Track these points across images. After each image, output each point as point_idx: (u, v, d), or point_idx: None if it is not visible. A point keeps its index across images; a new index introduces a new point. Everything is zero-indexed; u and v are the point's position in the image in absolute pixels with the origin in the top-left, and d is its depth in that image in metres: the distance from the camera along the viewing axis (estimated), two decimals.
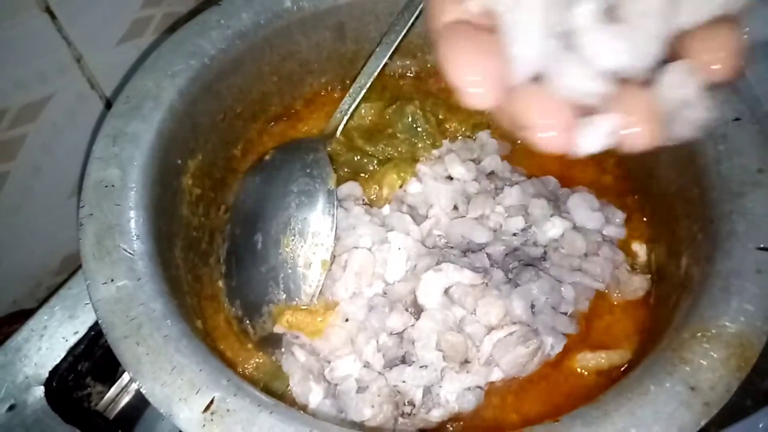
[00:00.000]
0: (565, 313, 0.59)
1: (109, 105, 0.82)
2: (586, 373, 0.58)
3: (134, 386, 0.72)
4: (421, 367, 0.51)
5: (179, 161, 0.60)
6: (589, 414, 0.42)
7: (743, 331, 0.43)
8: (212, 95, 0.63)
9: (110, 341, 0.44)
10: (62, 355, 0.75)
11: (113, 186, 0.52)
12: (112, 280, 0.47)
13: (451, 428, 0.54)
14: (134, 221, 0.51)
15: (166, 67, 0.60)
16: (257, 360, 0.59)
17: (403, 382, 0.51)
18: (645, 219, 0.66)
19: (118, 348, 0.44)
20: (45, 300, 0.81)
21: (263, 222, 0.58)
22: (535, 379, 0.57)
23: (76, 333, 0.76)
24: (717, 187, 0.53)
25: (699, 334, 0.44)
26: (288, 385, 0.56)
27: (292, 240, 0.57)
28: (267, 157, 0.63)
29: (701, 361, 0.43)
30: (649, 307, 0.61)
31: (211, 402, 0.41)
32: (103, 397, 0.76)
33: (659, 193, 0.63)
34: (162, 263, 0.51)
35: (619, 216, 0.65)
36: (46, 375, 0.74)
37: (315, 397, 0.55)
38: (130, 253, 0.49)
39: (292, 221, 0.57)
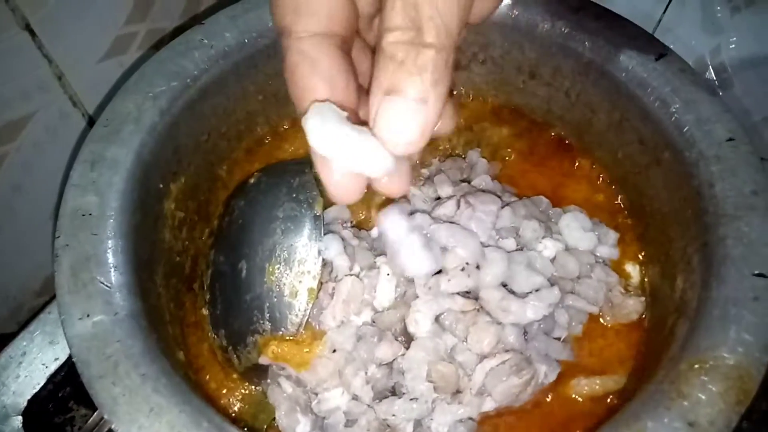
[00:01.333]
0: (559, 338, 0.57)
1: (91, 123, 0.80)
2: (580, 399, 0.57)
3: None
4: (411, 399, 0.49)
5: (161, 185, 0.58)
6: None
7: (742, 363, 0.42)
8: (195, 116, 0.61)
9: (85, 381, 0.42)
10: (42, 382, 0.73)
11: (91, 214, 0.50)
12: (88, 315, 0.45)
13: None
14: (112, 251, 0.49)
15: (147, 88, 0.58)
16: (243, 391, 0.57)
17: (393, 416, 0.49)
18: (638, 239, 0.65)
19: (93, 388, 0.42)
20: (25, 324, 0.78)
21: (248, 249, 0.56)
22: (528, 406, 0.55)
23: (56, 359, 0.74)
24: (711, 210, 0.52)
25: (697, 366, 0.43)
26: (274, 418, 0.54)
27: (278, 268, 0.55)
28: (252, 181, 0.62)
29: (700, 394, 0.41)
30: (643, 330, 0.60)
31: None
32: (87, 421, 0.73)
33: (652, 212, 0.62)
34: (141, 295, 0.49)
35: (612, 236, 0.64)
36: (25, 404, 0.72)
37: (302, 429, 0.53)
38: (107, 285, 0.47)
39: (277, 248, 0.55)
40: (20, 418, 0.71)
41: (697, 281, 0.50)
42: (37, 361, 0.75)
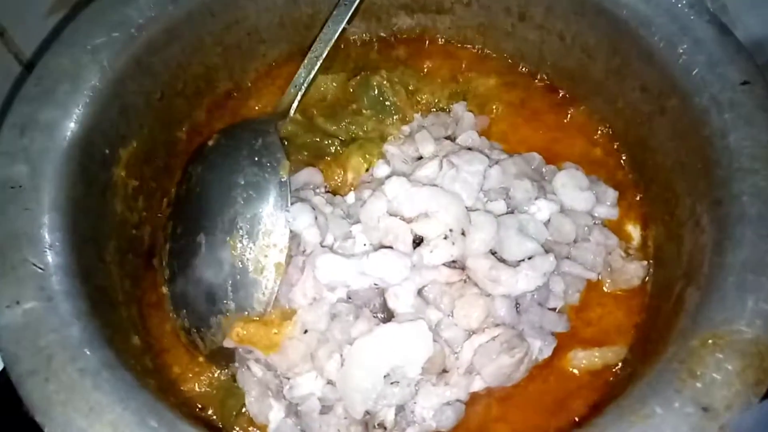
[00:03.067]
0: (554, 309, 0.52)
1: None
2: (578, 372, 0.53)
3: None
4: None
5: (107, 151, 0.52)
6: None
7: (761, 337, 0.37)
8: (144, 71, 0.54)
9: (14, 379, 0.37)
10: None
11: (21, 186, 0.44)
12: (18, 302, 0.39)
13: None
14: (47, 228, 0.43)
15: (85, 40, 0.51)
16: (210, 375, 0.52)
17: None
18: (640, 197, 0.59)
19: (24, 386, 0.37)
20: None
21: (206, 221, 0.51)
22: (522, 382, 0.51)
23: None
24: (724, 163, 0.46)
25: (710, 341, 0.38)
26: (244, 404, 0.49)
27: (240, 241, 0.49)
28: (210, 143, 0.55)
29: (714, 374, 0.37)
30: (645, 297, 0.55)
31: None
32: None
33: (656, 167, 0.56)
34: (83, 275, 0.43)
35: (611, 194, 0.58)
36: None
37: (275, 415, 0.48)
38: (40, 267, 0.41)
39: (239, 219, 0.49)
40: None
41: (708, 243, 0.45)
42: None
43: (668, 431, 0.35)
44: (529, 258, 0.50)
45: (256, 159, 0.51)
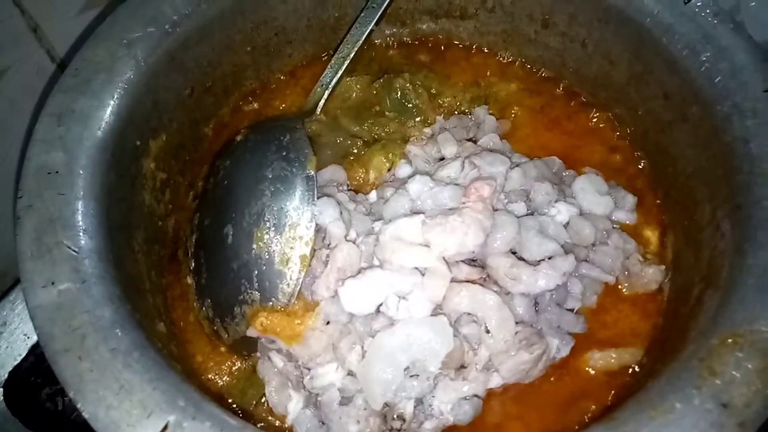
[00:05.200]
0: (572, 310, 0.53)
1: None
2: (594, 373, 0.53)
3: None
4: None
5: (138, 142, 0.53)
6: None
7: None
8: (176, 67, 0.56)
9: (48, 356, 0.38)
10: (23, 354, 0.69)
11: (57, 172, 0.45)
12: (53, 283, 0.40)
13: None
14: (81, 213, 0.44)
15: (121, 34, 0.52)
16: (231, 364, 0.53)
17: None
18: (658, 203, 0.60)
19: (58, 363, 0.38)
20: (6, 293, 0.75)
21: (234, 212, 0.52)
22: (538, 381, 0.51)
23: None
24: (745, 169, 0.47)
25: (730, 341, 0.38)
26: (264, 394, 0.50)
27: (267, 233, 0.50)
28: (238, 138, 0.57)
29: (734, 372, 0.37)
30: (662, 301, 0.55)
31: (165, 428, 0.35)
32: None
33: (675, 174, 0.57)
34: (115, 261, 0.44)
35: (630, 200, 0.59)
36: (6, 376, 0.68)
37: (294, 406, 0.49)
38: (74, 250, 0.42)
39: (266, 212, 0.50)
40: (1, 390, 0.68)
41: (728, 248, 0.46)
42: (18, 331, 0.71)
43: (688, 426, 0.35)
44: (549, 258, 0.50)
45: (284, 154, 0.52)
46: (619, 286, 0.56)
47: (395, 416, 0.45)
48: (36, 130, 0.47)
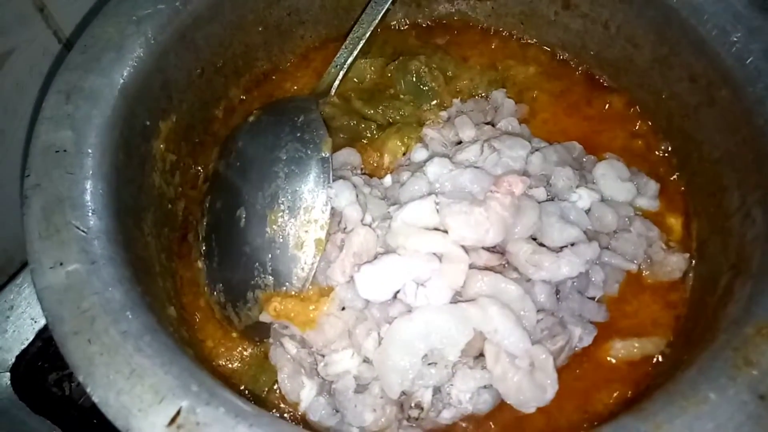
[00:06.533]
0: (593, 298, 0.51)
1: None
2: (615, 362, 0.51)
3: None
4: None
5: (148, 123, 0.52)
6: (635, 428, 0.34)
7: None
8: (186, 46, 0.54)
9: (57, 338, 0.37)
10: (30, 338, 0.68)
11: (65, 151, 0.44)
12: (62, 264, 0.39)
13: (463, 426, 0.47)
14: (90, 193, 0.43)
15: (131, 11, 0.51)
16: (242, 350, 0.52)
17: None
18: (682, 189, 0.58)
19: (67, 346, 0.36)
20: (13, 276, 0.74)
21: (247, 194, 0.50)
22: (559, 370, 0.50)
23: None
24: None
25: (766, 330, 0.37)
26: (276, 380, 0.49)
27: (281, 216, 0.48)
28: (251, 119, 0.55)
29: None
30: (686, 290, 0.54)
31: (178, 413, 0.34)
32: None
33: (701, 159, 0.55)
34: (124, 242, 0.43)
35: (653, 186, 0.57)
36: (13, 360, 0.67)
37: (307, 393, 0.48)
38: (83, 231, 0.41)
39: (280, 194, 0.49)
40: (8, 374, 0.67)
41: (759, 235, 0.44)
42: (25, 315, 0.70)
43: (723, 418, 0.34)
44: (572, 244, 0.49)
45: (298, 135, 0.51)
46: (642, 275, 0.54)
47: (413, 405, 0.44)
48: (43, 107, 0.46)
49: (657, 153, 0.60)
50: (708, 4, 0.51)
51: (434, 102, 0.62)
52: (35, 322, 0.70)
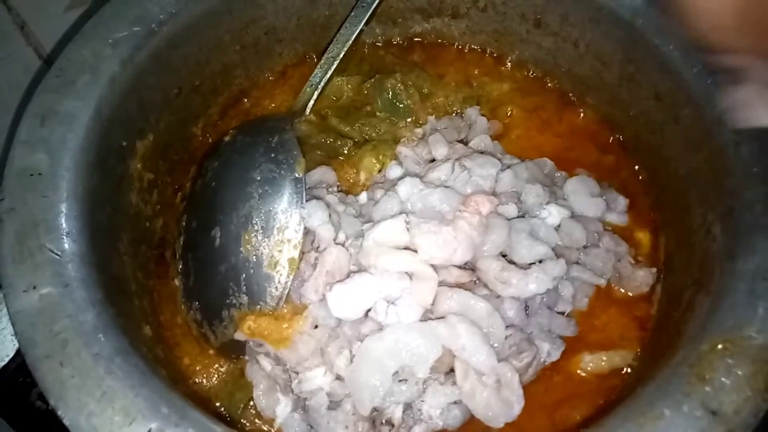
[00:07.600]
0: (563, 313, 0.52)
1: None
2: (585, 375, 0.53)
3: None
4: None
5: (125, 143, 0.52)
6: None
7: None
8: (163, 67, 0.55)
9: (29, 362, 0.37)
10: (11, 354, 0.68)
11: (40, 174, 0.45)
12: (35, 287, 0.40)
13: None
14: (65, 216, 0.44)
15: (107, 33, 0.52)
16: (219, 367, 0.53)
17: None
18: (651, 205, 0.59)
19: (39, 370, 0.37)
20: None
21: (221, 215, 0.51)
22: (529, 383, 0.51)
23: None
24: (737, 172, 0.47)
25: (720, 347, 0.38)
26: (252, 397, 0.50)
27: (255, 236, 0.49)
28: (226, 139, 0.56)
29: (723, 379, 0.37)
30: (654, 304, 0.55)
31: None
32: None
33: (668, 176, 0.56)
34: (99, 264, 0.44)
35: (622, 202, 0.58)
36: None
37: (282, 410, 0.49)
38: (57, 254, 0.41)
39: (254, 214, 0.50)
40: None
41: (718, 252, 0.45)
42: (6, 331, 0.70)
43: None
44: (540, 261, 0.50)
45: (272, 156, 0.52)
46: (611, 289, 0.56)
47: (384, 421, 0.45)
48: (19, 131, 0.47)
49: (627, 169, 0.62)
50: (671, 26, 0.53)
51: (410, 119, 0.63)
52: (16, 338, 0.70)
